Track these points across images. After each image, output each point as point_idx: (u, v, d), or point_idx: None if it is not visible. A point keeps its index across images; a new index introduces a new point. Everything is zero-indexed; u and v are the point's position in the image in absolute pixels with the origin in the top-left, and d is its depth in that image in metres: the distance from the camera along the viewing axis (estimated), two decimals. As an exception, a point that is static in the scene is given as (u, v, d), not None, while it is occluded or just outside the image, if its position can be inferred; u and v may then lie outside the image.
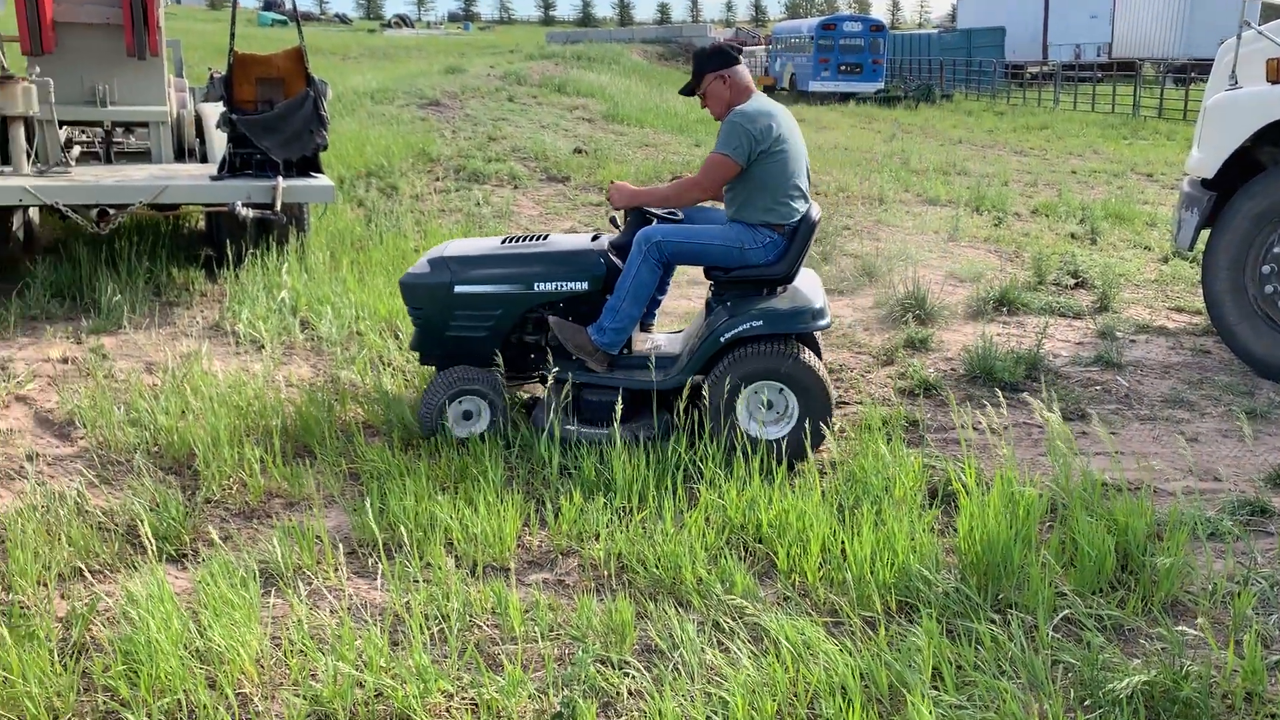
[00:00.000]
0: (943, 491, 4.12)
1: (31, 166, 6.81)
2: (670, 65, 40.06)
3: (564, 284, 4.59)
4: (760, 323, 4.36)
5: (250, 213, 6.63)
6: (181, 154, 8.14)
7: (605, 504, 3.91)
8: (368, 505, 3.80)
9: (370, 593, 3.43)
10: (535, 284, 4.59)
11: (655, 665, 2.98)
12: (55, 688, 2.77)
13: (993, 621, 3.14)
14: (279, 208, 6.65)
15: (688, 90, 4.68)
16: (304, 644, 3.02)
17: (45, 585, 3.32)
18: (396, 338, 6.06)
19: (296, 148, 6.91)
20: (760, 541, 3.71)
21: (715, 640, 3.11)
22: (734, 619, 3.21)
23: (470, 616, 3.25)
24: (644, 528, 3.75)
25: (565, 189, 11.59)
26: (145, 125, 8.03)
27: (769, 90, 33.87)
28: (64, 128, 7.62)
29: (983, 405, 4.81)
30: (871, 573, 3.37)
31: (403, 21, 76.63)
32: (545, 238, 4.82)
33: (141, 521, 3.61)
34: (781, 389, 4.39)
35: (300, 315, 6.40)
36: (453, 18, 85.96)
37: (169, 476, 4.22)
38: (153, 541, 3.38)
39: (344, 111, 16.92)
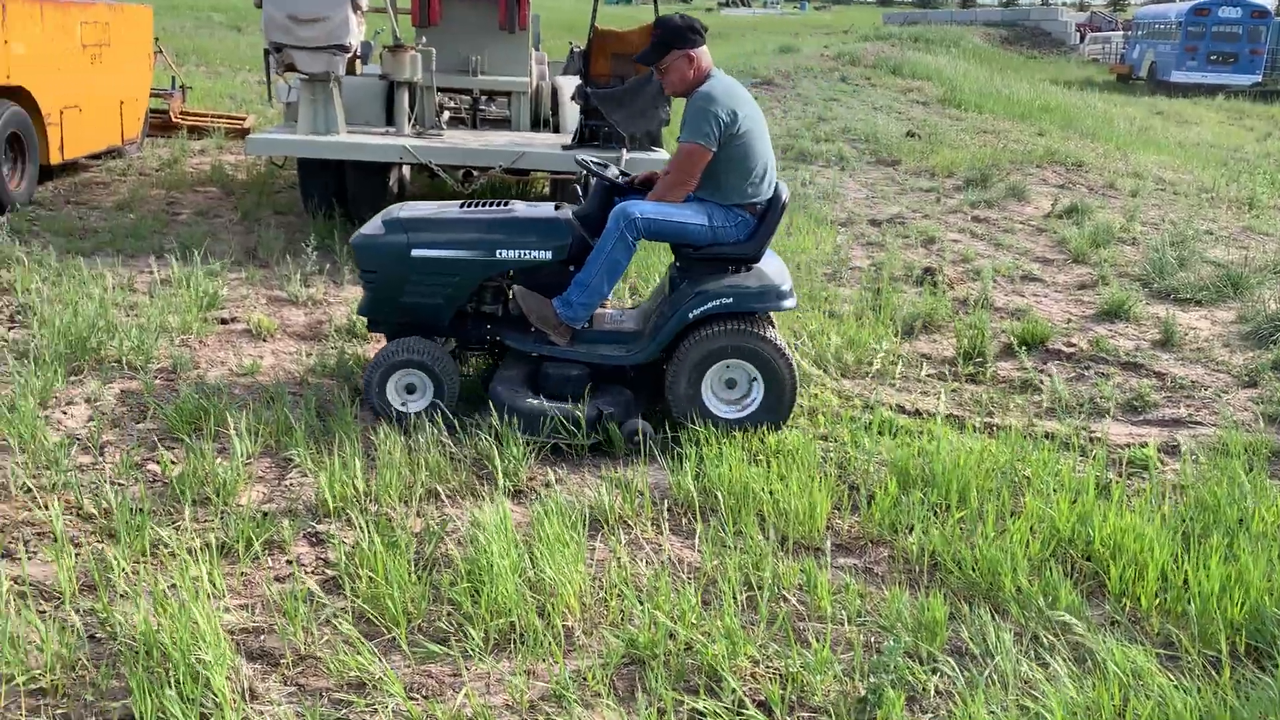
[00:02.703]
0: (1311, 533, 3.68)
1: (411, 128, 7.55)
2: (1014, 50, 37.94)
3: (528, 252, 4.44)
4: (729, 300, 4.32)
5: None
6: (536, 123, 8.72)
7: (923, 498, 3.82)
8: (687, 468, 3.95)
9: (684, 550, 3.56)
10: (498, 251, 4.43)
11: (967, 668, 2.90)
12: (410, 594, 3.10)
13: (1364, 686, 2.79)
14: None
15: (645, 59, 4.46)
16: (622, 588, 3.20)
17: (407, 503, 3.72)
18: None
19: (642, 122, 7.19)
20: (1089, 559, 3.49)
21: (1033, 653, 2.98)
22: (1055, 635, 3.05)
23: (779, 589, 3.30)
24: (962, 527, 3.64)
25: (894, 173, 11.33)
26: (507, 95, 8.66)
27: (1123, 79, 31.26)
28: (439, 94, 8.39)
29: (1368, 443, 4.24)
30: (1218, 608, 3.09)
31: (740, 0, 77.48)
32: (507, 204, 4.67)
33: (489, 459, 3.96)
34: (748, 368, 4.34)
35: (629, 281, 6.69)
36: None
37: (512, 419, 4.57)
38: (501, 476, 3.69)
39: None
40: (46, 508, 3.44)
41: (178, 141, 10.68)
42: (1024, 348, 5.74)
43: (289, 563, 3.35)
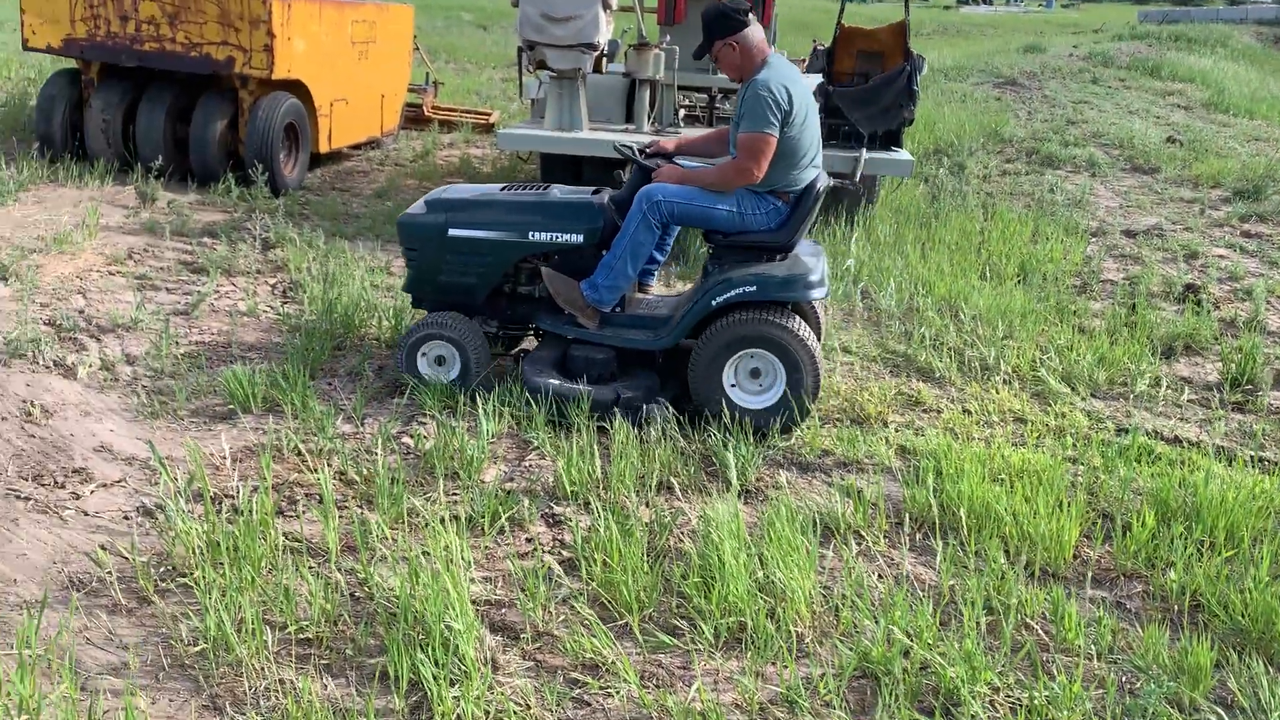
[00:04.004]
0: None
1: (650, 125, 7.67)
2: (1291, 50, 34.62)
3: (559, 235, 4.47)
4: (754, 288, 4.23)
5: (830, 181, 6.89)
6: (772, 121, 8.66)
7: (1184, 533, 3.54)
8: (930, 483, 3.82)
9: (919, 567, 3.45)
10: (530, 233, 4.48)
11: (1237, 723, 2.66)
12: (643, 583, 3.15)
13: None
14: (858, 179, 6.83)
15: (697, 54, 4.47)
16: (854, 600, 3.13)
17: (639, 494, 3.78)
18: (956, 318, 5.98)
19: (883, 121, 7.04)
20: (1383, 617, 3.13)
21: (1315, 715, 2.70)
22: (1342, 697, 2.76)
23: (1022, 616, 3.13)
24: (1230, 569, 3.35)
25: (1152, 181, 10.57)
26: (746, 92, 8.64)
27: None
28: (677, 92, 8.49)
29: None
30: None
31: (981, -3, 74.25)
32: (546, 187, 4.67)
33: (718, 456, 3.98)
34: (770, 358, 4.25)
35: (861, 285, 6.56)
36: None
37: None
38: (735, 475, 3.70)
39: (916, 88, 16.91)
40: (315, 471, 3.72)
41: (430, 134, 11.30)
42: (1303, 377, 5.23)
43: (528, 540, 3.47)
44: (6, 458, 3.76)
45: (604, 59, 7.61)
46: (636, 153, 4.71)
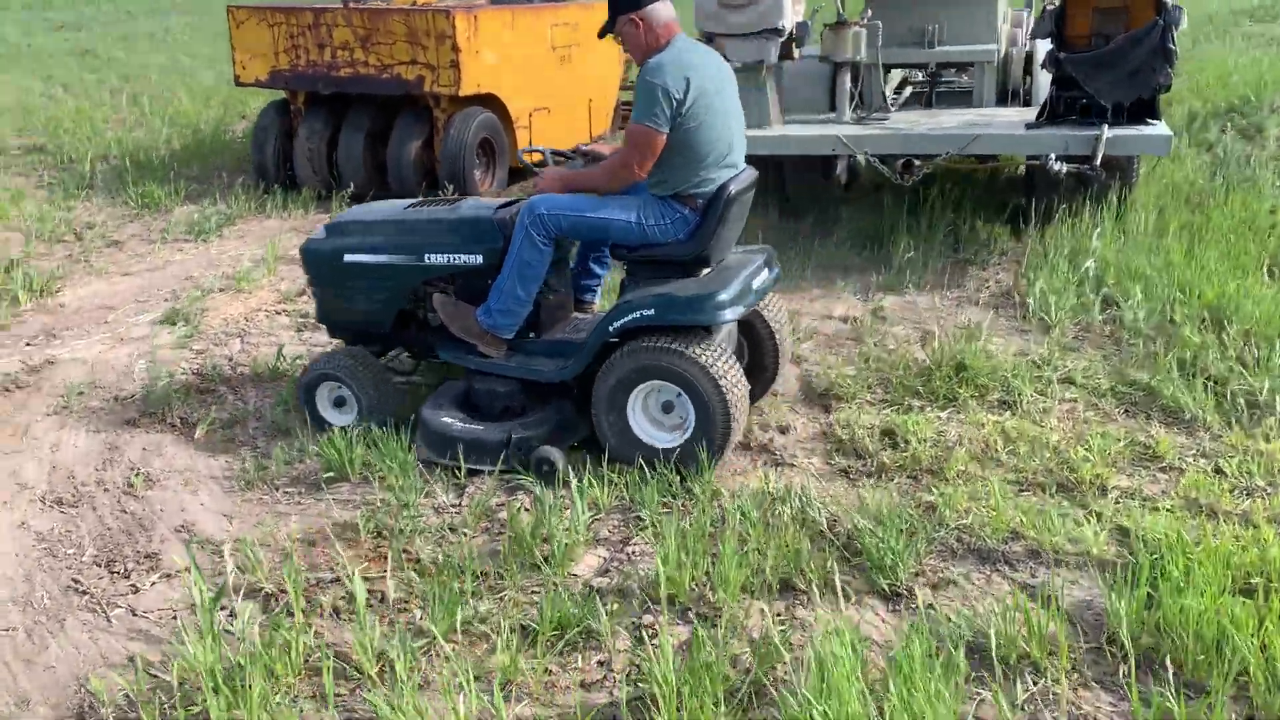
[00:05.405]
0: None
1: (853, 113, 6.79)
2: None
3: (457, 256, 4.06)
4: (651, 312, 3.71)
5: (1065, 168, 5.77)
6: (1005, 96, 7.51)
7: None
8: (1133, 590, 2.85)
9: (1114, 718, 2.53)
10: (425, 255, 4.10)
11: None
12: (719, 740, 2.46)
13: None
14: (1098, 162, 5.66)
15: (602, 32, 3.92)
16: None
17: (749, 593, 3.07)
18: (1222, 333, 4.76)
19: (1131, 89, 5.79)
20: None
21: None
22: None
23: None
24: None
25: None
26: (972, 66, 7.56)
27: None
28: (892, 71, 7.53)
29: None
30: None
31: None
32: (453, 204, 4.27)
33: (861, 544, 3.19)
34: (672, 389, 3.72)
35: (1104, 291, 5.41)
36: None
37: (903, 481, 3.72)
38: (839, 593, 2.92)
39: (1211, 35, 14.64)
40: (382, 562, 3.28)
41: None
42: None
43: (600, 664, 2.86)
44: (91, 538, 3.59)
45: (794, 44, 6.77)
46: (549, 157, 4.28)
